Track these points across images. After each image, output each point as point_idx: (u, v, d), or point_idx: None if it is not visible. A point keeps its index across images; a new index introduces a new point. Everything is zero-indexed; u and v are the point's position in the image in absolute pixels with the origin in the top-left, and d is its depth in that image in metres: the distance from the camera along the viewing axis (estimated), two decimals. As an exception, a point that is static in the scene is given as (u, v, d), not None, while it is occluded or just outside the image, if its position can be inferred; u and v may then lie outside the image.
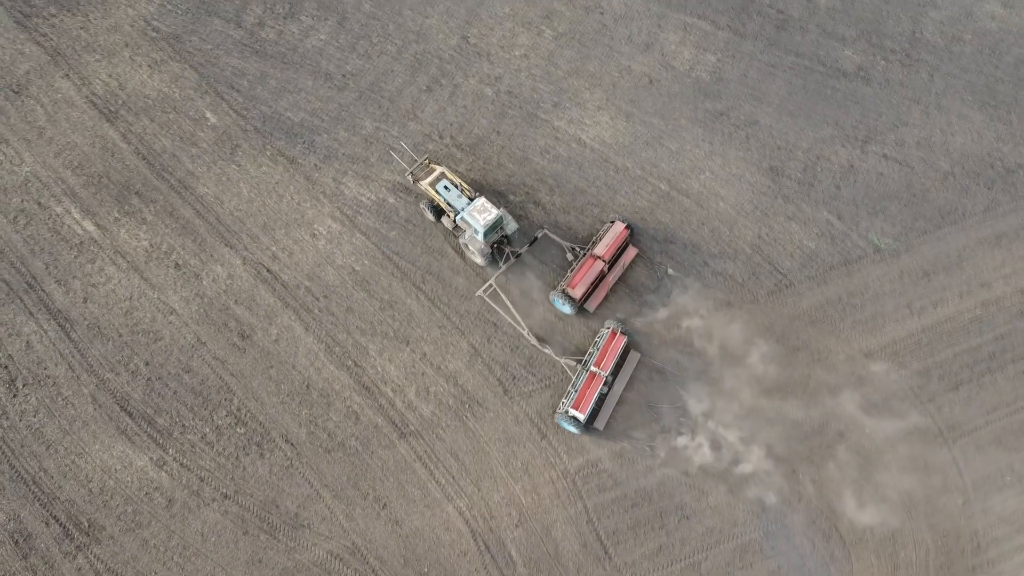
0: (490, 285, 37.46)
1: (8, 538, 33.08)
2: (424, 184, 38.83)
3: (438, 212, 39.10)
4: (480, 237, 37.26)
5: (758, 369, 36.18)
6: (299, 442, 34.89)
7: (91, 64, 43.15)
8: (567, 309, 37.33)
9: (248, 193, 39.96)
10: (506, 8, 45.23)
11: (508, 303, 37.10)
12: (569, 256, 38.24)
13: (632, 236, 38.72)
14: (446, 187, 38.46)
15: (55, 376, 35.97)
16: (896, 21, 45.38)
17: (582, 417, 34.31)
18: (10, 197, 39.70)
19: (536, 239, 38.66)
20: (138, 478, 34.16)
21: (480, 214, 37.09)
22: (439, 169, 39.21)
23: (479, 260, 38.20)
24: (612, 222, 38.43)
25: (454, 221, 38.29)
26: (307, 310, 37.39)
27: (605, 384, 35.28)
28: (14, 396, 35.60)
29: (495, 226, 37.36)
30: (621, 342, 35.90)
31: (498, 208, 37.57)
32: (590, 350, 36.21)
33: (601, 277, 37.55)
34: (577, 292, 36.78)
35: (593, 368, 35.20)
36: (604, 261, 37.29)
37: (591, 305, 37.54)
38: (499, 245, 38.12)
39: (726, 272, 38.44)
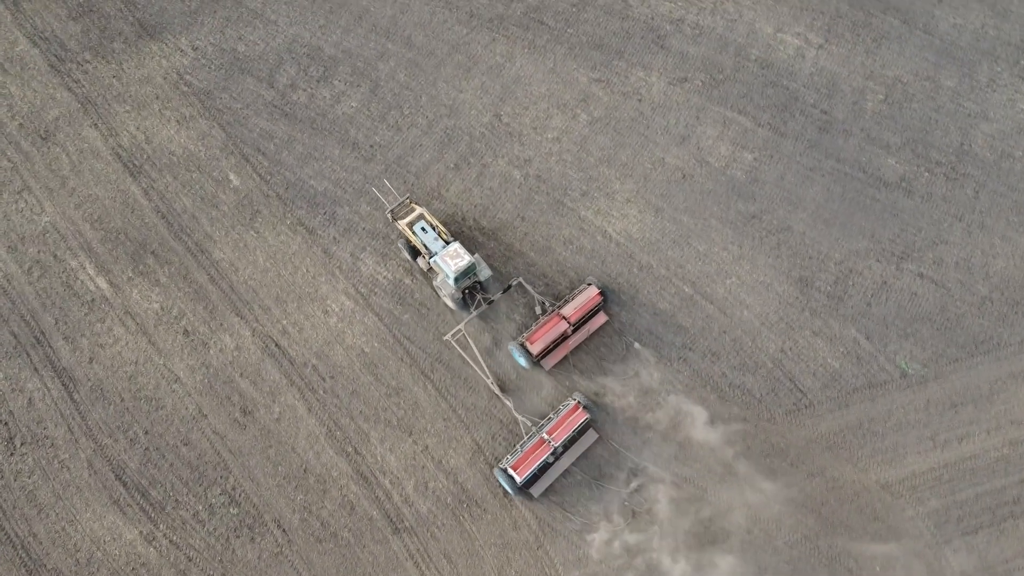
0: (459, 330, 39.73)
1: (-9, 603, 34.88)
2: (402, 224, 41.41)
3: (414, 252, 41.74)
4: (451, 282, 39.79)
5: (764, 495, 37.05)
6: (291, 528, 36.39)
7: (120, 115, 45.72)
8: (523, 362, 39.75)
9: (264, 262, 41.96)
10: (542, 88, 47.15)
11: (475, 350, 39.19)
12: (538, 309, 40.62)
13: (605, 302, 40.86)
14: (423, 228, 40.95)
15: (54, 437, 37.94)
16: (945, 132, 46.58)
17: (518, 479, 36.30)
18: (27, 247, 42.09)
19: (510, 287, 41.03)
20: (126, 552, 35.85)
21: (452, 259, 39.54)
22: (419, 210, 41.77)
23: (450, 304, 40.77)
24: (588, 284, 40.78)
25: (428, 263, 40.69)
26: (312, 390, 39.08)
27: (553, 454, 37.19)
28: (11, 454, 37.60)
29: (467, 272, 39.87)
30: (580, 418, 37.78)
31: (472, 255, 40.14)
32: (550, 415, 38.18)
33: (564, 338, 39.80)
34: (535, 348, 39.16)
35: (544, 435, 37.09)
36: (569, 323, 39.56)
37: (547, 363, 39.86)
38: (471, 291, 40.68)
39: (744, 386, 39.57)
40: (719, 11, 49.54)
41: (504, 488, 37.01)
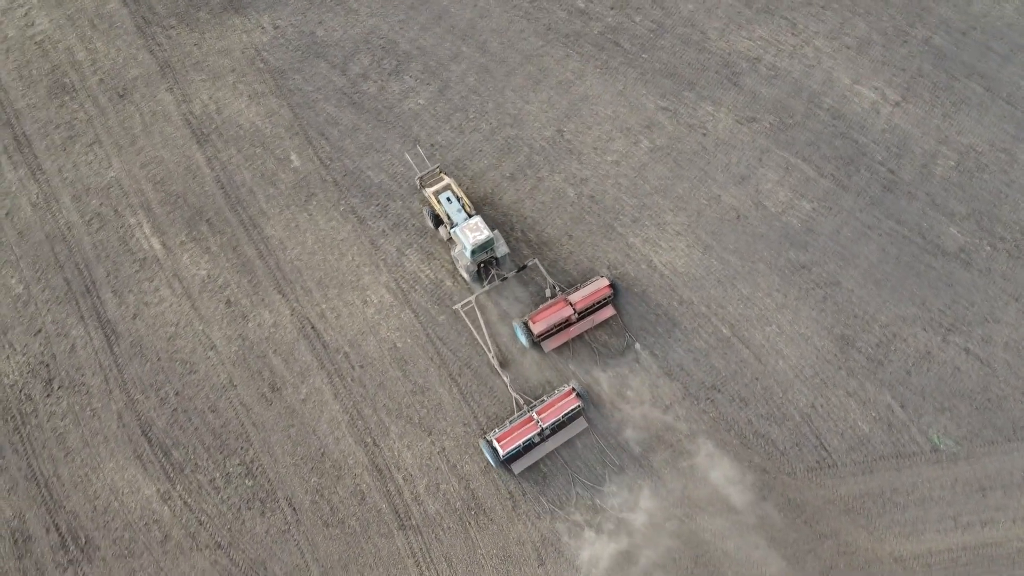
0: (469, 302, 41.58)
1: (9, 535, 36.85)
2: (429, 191, 43.09)
3: (437, 221, 43.45)
4: (468, 254, 41.31)
5: (771, 549, 37.16)
6: (301, 509, 37.67)
7: (196, 83, 47.75)
8: (523, 340, 41.22)
9: (312, 244, 43.44)
10: (608, 110, 47.83)
11: (482, 323, 40.77)
12: (547, 292, 42.08)
13: (615, 296, 42.15)
14: (448, 199, 42.53)
15: (90, 385, 39.85)
16: (1013, 207, 46.03)
17: (501, 452, 37.55)
18: (91, 198, 44.24)
19: (525, 267, 42.73)
20: (141, 506, 37.51)
21: (472, 232, 40.99)
22: (447, 180, 43.41)
23: (465, 276, 42.47)
24: (601, 277, 42.39)
25: (449, 233, 42.43)
26: (340, 376, 40.35)
27: (540, 435, 38.39)
28: (48, 396, 39.61)
29: (485, 246, 41.37)
30: (572, 404, 38.88)
31: (491, 230, 41.67)
32: (543, 397, 39.52)
33: (567, 324, 41.21)
34: (536, 327, 40.55)
35: (533, 414, 38.38)
36: (574, 310, 40.83)
37: (547, 345, 41.34)
38: (487, 266, 42.29)
39: (769, 436, 39.70)
40: (798, 55, 49.66)
41: (487, 460, 38.56)
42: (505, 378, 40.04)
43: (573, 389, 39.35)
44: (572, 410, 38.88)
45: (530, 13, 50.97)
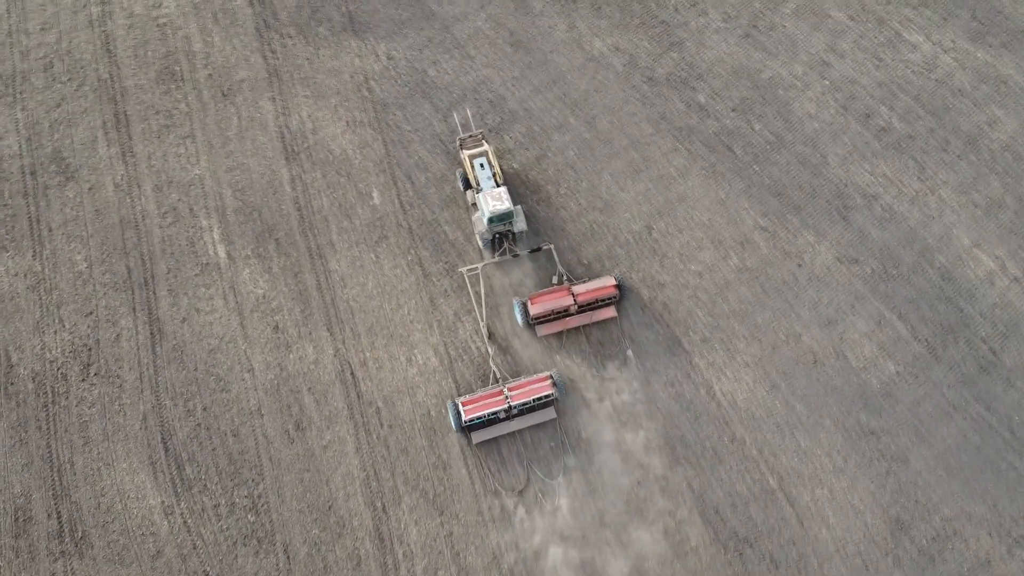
0: (475, 268, 43.99)
1: (12, 512, 38.56)
2: (465, 154, 45.87)
3: (467, 184, 45.93)
4: (485, 220, 43.80)
5: None
6: (295, 559, 38.27)
7: (299, 97, 49.45)
8: (520, 320, 43.30)
9: (372, 288, 44.28)
10: (705, 216, 47.36)
11: (482, 292, 43.04)
12: (554, 279, 44.33)
13: (620, 298, 43.83)
14: (482, 165, 45.15)
15: (124, 379, 41.50)
16: (1120, 422, 43.50)
17: (464, 417, 39.43)
18: (171, 191, 46.19)
19: (540, 249, 45.14)
20: (143, 515, 38.74)
21: (493, 200, 43.67)
22: (485, 147, 46.22)
23: (479, 242, 44.94)
24: (609, 276, 44.45)
25: (475, 197, 44.97)
26: (367, 431, 40.91)
27: (507, 411, 39.93)
28: (83, 380, 41.35)
29: (503, 217, 43.82)
30: (546, 390, 40.33)
31: (514, 204, 44.30)
32: (521, 378, 41.25)
33: (566, 313, 43.01)
34: (534, 309, 42.50)
35: (505, 389, 40.04)
36: (575, 301, 42.59)
37: (541, 330, 43.28)
38: (503, 238, 44.65)
39: (793, 609, 38.34)
40: (919, 202, 48.20)
41: (450, 422, 40.37)
42: (490, 349, 41.87)
43: (550, 376, 40.68)
44: (544, 396, 40.17)
45: (647, 97, 50.94)
